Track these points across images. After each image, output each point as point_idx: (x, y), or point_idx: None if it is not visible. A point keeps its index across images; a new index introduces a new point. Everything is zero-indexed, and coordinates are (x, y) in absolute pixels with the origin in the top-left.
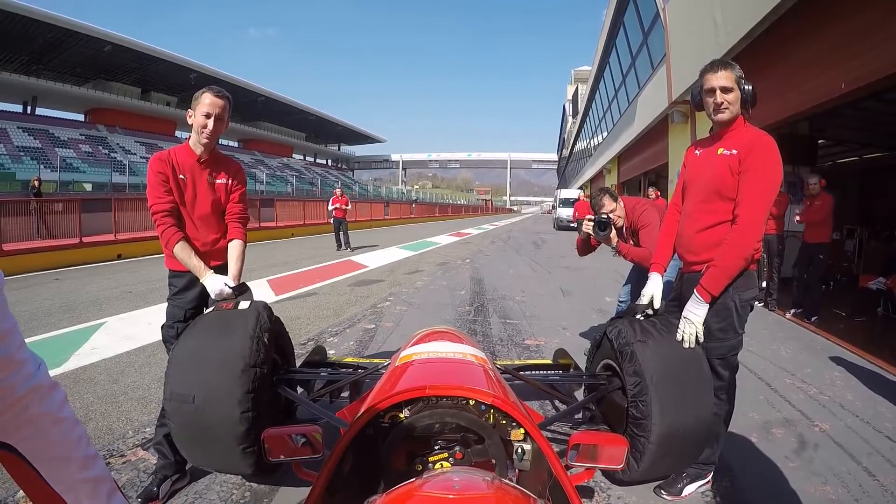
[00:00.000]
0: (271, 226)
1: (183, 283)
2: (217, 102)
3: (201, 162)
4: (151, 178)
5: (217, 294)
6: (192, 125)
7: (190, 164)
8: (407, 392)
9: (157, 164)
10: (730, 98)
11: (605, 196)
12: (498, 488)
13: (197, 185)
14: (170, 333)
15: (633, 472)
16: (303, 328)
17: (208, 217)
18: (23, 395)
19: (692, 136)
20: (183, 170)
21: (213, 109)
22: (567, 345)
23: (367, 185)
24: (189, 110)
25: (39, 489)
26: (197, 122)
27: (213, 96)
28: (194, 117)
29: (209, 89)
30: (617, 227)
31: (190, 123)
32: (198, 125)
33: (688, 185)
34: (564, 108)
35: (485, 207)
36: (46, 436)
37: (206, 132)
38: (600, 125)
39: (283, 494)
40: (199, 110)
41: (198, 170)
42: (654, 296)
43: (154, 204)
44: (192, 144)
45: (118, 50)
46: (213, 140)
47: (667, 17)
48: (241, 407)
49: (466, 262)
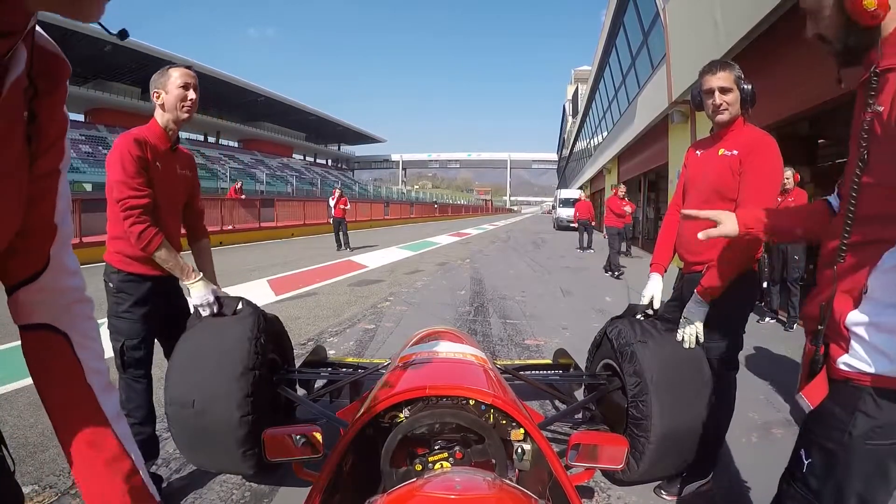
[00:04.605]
0: (271, 226)
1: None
2: (190, 73)
3: (173, 150)
4: (129, 166)
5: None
6: (165, 103)
7: (164, 152)
8: (407, 392)
9: (136, 147)
10: (728, 99)
11: None
12: (499, 488)
13: (169, 177)
14: (136, 355)
15: (633, 472)
16: (303, 328)
17: (177, 213)
18: (77, 297)
19: (692, 136)
20: (158, 157)
21: (190, 79)
22: (567, 345)
23: (367, 185)
24: (155, 91)
25: (72, 375)
26: (175, 96)
27: (184, 68)
28: (167, 94)
29: (173, 65)
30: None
31: (160, 103)
32: (177, 98)
33: (688, 185)
34: (564, 108)
35: (485, 207)
36: (86, 331)
37: (188, 104)
38: (600, 125)
39: (283, 494)
40: (172, 84)
41: (170, 159)
42: (654, 296)
43: (130, 197)
44: (164, 125)
45: (118, 50)
46: (192, 115)
47: (667, 17)
48: (240, 410)
49: (466, 262)
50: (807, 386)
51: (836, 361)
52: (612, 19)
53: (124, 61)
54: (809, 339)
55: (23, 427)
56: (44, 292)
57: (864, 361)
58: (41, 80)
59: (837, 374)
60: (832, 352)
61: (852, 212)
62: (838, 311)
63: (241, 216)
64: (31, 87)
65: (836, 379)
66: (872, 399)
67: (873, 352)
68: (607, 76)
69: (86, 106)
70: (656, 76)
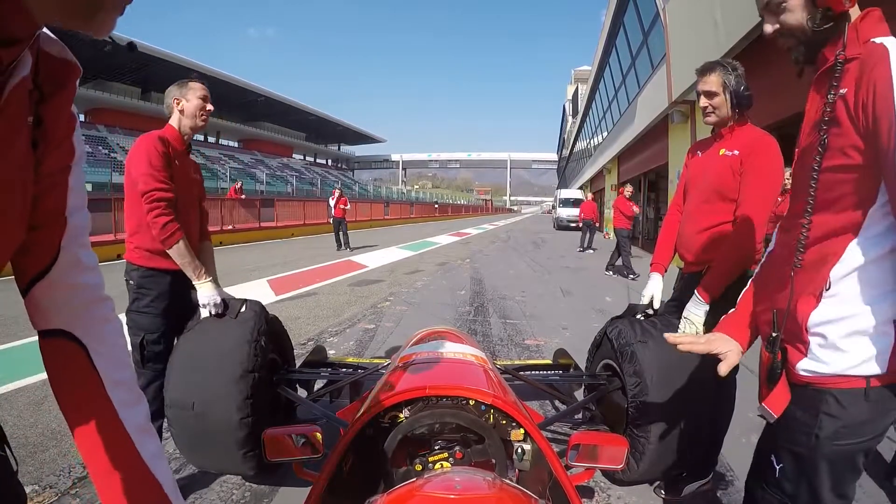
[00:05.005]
0: (271, 226)
1: (164, 286)
2: (205, 87)
3: (188, 152)
4: (155, 160)
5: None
6: (183, 110)
7: (181, 153)
8: (407, 392)
9: (161, 144)
10: (714, 102)
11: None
12: (499, 488)
13: (186, 176)
14: (156, 349)
15: (633, 472)
16: (303, 328)
17: (195, 212)
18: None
19: (692, 136)
20: (177, 157)
21: (207, 93)
22: (567, 345)
23: (367, 185)
24: (176, 97)
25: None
26: (195, 106)
27: (200, 82)
28: (187, 101)
29: (191, 78)
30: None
31: (179, 109)
32: (196, 108)
33: (689, 185)
34: (564, 108)
35: (485, 207)
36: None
37: (206, 114)
38: (600, 125)
39: (283, 494)
40: (193, 94)
41: (185, 161)
42: (654, 296)
43: (156, 189)
44: (182, 130)
45: (118, 50)
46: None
47: (667, 17)
48: (240, 413)
49: (466, 262)
50: (769, 395)
51: (794, 367)
52: (612, 19)
53: (124, 61)
54: (764, 346)
55: (23, 427)
56: (57, 289)
57: (824, 363)
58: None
59: (798, 379)
60: (791, 357)
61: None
62: (801, 314)
63: (241, 216)
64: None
65: (796, 384)
66: (835, 400)
67: (834, 351)
68: (607, 76)
69: (86, 106)
70: (656, 76)
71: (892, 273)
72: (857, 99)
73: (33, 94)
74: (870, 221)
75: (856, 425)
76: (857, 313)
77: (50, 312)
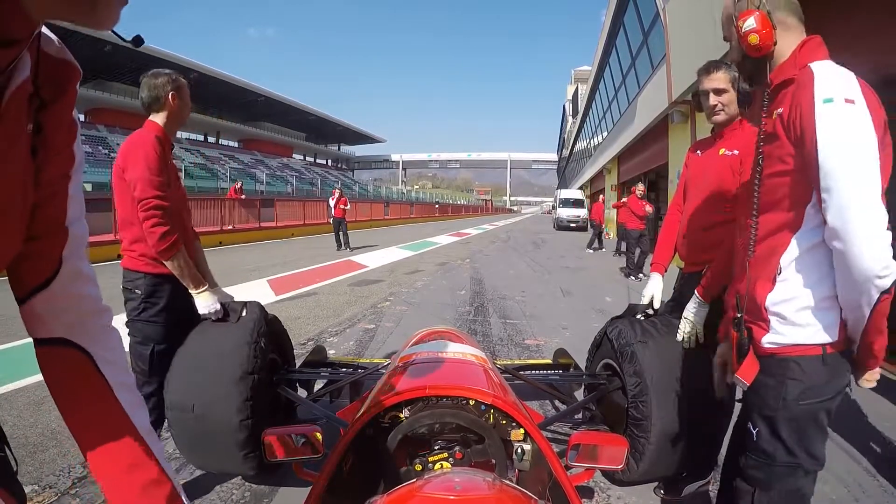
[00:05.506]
0: (271, 226)
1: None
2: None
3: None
4: (153, 164)
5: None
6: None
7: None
8: (407, 392)
9: (159, 145)
10: (724, 100)
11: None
12: (499, 489)
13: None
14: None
15: (633, 472)
16: (303, 328)
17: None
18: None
19: (692, 136)
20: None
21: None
22: (567, 345)
23: (367, 185)
24: (172, 92)
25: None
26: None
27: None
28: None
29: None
30: None
31: (173, 104)
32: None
33: (689, 185)
34: (564, 108)
35: (485, 207)
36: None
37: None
38: (600, 125)
39: (283, 494)
40: (185, 93)
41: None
42: (654, 296)
43: (154, 197)
44: (168, 129)
45: (118, 50)
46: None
47: (667, 17)
48: (240, 415)
49: (466, 262)
50: (739, 367)
51: (759, 341)
52: (612, 19)
53: (124, 61)
54: (731, 326)
55: (23, 427)
56: (59, 299)
57: (783, 335)
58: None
59: (763, 351)
60: (755, 334)
61: (756, 206)
62: (759, 296)
63: (241, 216)
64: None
65: (762, 356)
66: (798, 366)
67: (791, 326)
68: (607, 76)
69: (86, 106)
70: (656, 76)
71: (826, 258)
72: (790, 115)
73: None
74: (807, 217)
75: (817, 386)
76: (803, 294)
77: (51, 321)
